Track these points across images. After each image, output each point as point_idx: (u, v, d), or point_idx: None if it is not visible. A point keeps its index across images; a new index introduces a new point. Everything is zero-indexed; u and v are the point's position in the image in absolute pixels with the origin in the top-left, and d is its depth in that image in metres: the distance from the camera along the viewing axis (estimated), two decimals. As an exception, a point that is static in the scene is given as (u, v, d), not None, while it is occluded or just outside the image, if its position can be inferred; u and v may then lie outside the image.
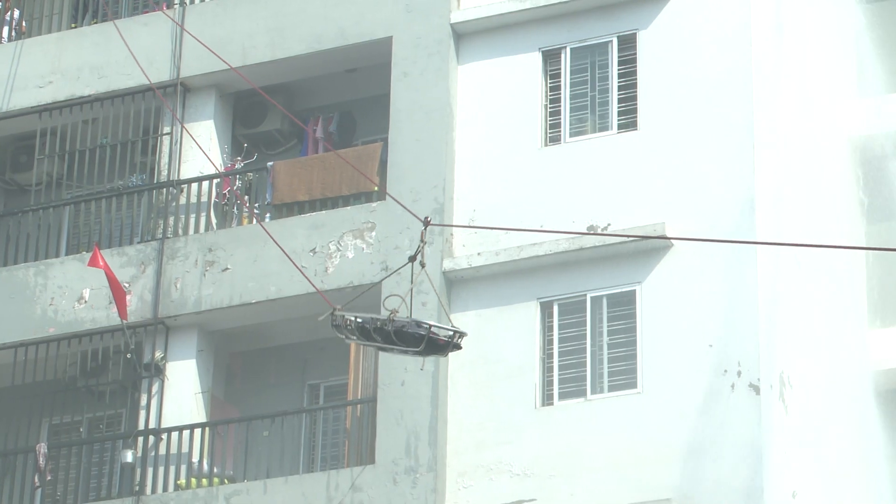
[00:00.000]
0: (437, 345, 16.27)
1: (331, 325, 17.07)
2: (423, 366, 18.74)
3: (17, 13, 27.79)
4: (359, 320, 16.44)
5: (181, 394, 23.61)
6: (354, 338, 16.66)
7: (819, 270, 23.16)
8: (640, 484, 20.77)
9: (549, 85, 23.27)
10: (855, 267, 24.36)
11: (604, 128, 22.82)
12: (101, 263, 22.97)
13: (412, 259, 17.29)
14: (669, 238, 21.34)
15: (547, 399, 21.83)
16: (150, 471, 23.08)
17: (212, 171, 24.64)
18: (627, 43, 23.08)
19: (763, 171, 22.04)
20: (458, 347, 16.73)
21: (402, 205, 20.58)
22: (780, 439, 21.18)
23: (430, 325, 16.28)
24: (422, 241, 17.22)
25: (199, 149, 24.06)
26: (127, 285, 23.72)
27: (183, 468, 23.19)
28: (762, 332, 21.46)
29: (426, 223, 17.20)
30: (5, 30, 27.27)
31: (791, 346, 22.16)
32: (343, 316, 16.64)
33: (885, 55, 25.56)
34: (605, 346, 21.94)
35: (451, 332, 16.50)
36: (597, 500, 20.90)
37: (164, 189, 25.06)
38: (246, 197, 24.91)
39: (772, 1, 23.46)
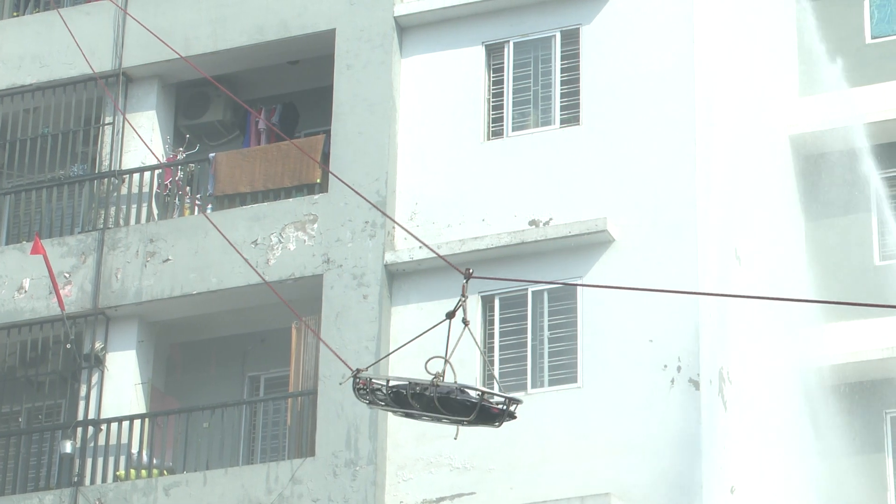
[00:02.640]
0: (491, 414, 13.89)
1: (353, 389, 14.30)
2: (456, 436, 16.21)
3: None
4: (392, 386, 13.91)
5: (121, 384, 23.51)
6: (382, 405, 14.01)
7: (760, 267, 23.45)
8: (579, 478, 20.92)
9: (491, 79, 23.51)
10: (795, 264, 24.43)
11: (546, 122, 23.02)
12: (42, 253, 23.05)
13: (450, 315, 15.81)
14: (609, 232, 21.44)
15: (487, 393, 21.36)
16: (89, 461, 23.10)
17: (154, 161, 24.52)
18: (570, 38, 23.23)
19: (704, 166, 22.23)
20: (514, 417, 13.98)
21: (381, 210, 21.44)
22: (719, 435, 21.38)
23: (483, 392, 14.06)
24: (463, 295, 16.04)
25: (141, 139, 24.02)
26: (67, 275, 23.79)
27: (122, 459, 23.10)
28: (702, 328, 21.67)
29: (468, 276, 15.93)
30: None
31: (731, 342, 22.42)
32: (370, 379, 16.53)
33: (824, 55, 25.70)
34: (546, 341, 22.03)
35: (504, 400, 14.09)
36: (536, 494, 20.92)
37: (106, 179, 25.07)
38: (188, 188, 24.93)
39: None
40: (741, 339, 22.84)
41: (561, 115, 22.99)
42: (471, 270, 14.32)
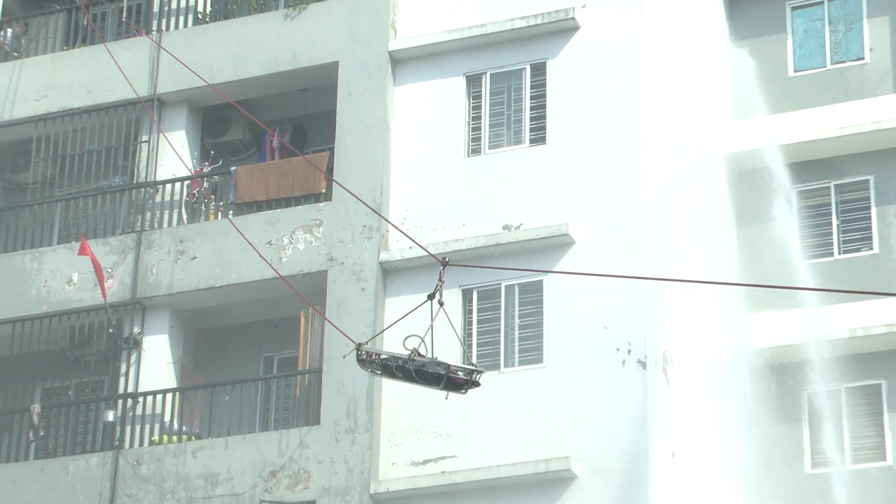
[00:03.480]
0: (456, 383, 15.36)
1: (356, 359, 15.81)
2: (447, 397, 16.70)
3: (9, 32, 27.76)
4: (383, 358, 15.57)
5: (155, 363, 23.86)
6: (379, 373, 15.35)
7: (698, 264, 23.65)
8: (544, 444, 21.27)
9: (471, 105, 23.47)
10: (728, 262, 24.79)
11: (517, 142, 23.15)
12: (88, 252, 23.17)
13: (430, 297, 16.55)
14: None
15: (467, 372, 21.64)
16: (128, 429, 23.39)
17: (183, 173, 24.82)
18: (538, 70, 23.41)
19: (651, 179, 22.48)
20: (477, 385, 15.33)
21: (380, 215, 22.25)
22: (663, 408, 21.72)
23: (450, 366, 15.19)
24: (440, 279, 16.77)
25: (176, 153, 24.32)
26: (109, 270, 23.92)
27: (156, 427, 23.42)
28: (649, 317, 21.98)
29: (444, 263, 16.68)
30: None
31: (674, 328, 22.68)
32: (367, 352, 15.80)
33: (753, 85, 25.86)
34: (517, 328, 22.35)
35: (469, 371, 15.44)
36: (507, 458, 21.21)
37: (143, 189, 25.27)
38: (212, 196, 24.98)
39: (661, 36, 23.77)
40: (682, 326, 23.09)
41: (530, 135, 23.19)
42: (447, 259, 15.46)
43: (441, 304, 15.48)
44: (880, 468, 23.76)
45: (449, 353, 19.37)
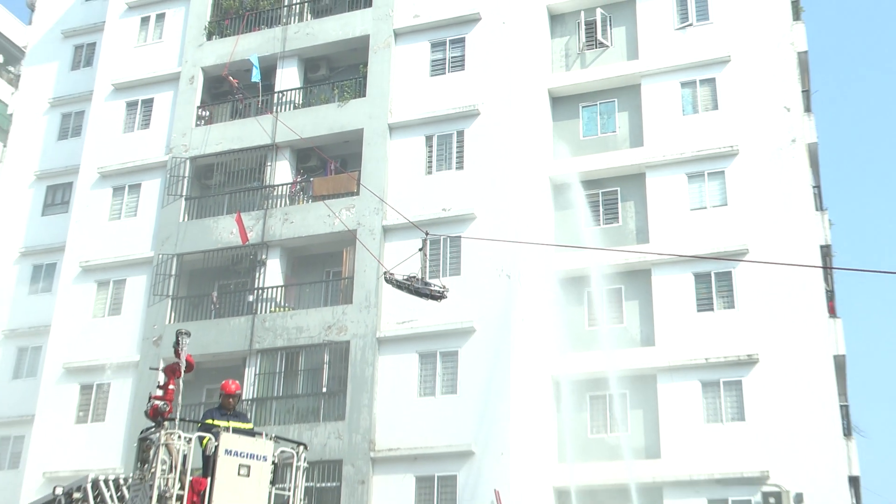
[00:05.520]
0: (434, 296, 17.71)
1: (384, 279, 18.59)
2: (439, 301, 18.93)
3: (206, 113, 29.00)
4: (397, 279, 17.76)
5: (272, 273, 26.36)
6: (397, 288, 18.09)
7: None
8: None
9: (426, 154, 25.72)
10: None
11: (449, 168, 25.76)
12: (239, 220, 26.13)
13: (421, 250, 20.61)
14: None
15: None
16: (259, 304, 25.84)
17: (287, 180, 27.49)
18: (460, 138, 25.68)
19: (509, 197, 24.66)
20: (445, 297, 18.03)
21: (384, 201, 24.88)
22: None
23: (430, 285, 17.80)
24: (423, 241, 20.21)
25: (287, 168, 27.29)
26: (250, 227, 26.63)
27: (272, 303, 25.98)
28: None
29: (426, 234, 19.82)
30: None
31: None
32: (392, 276, 18.14)
33: (563, 139, 28.50)
34: (449, 258, 24.48)
35: (440, 289, 17.86)
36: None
37: (267, 189, 27.16)
38: (301, 192, 27.61)
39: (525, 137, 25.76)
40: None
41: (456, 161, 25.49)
42: (427, 232, 19.48)
43: (424, 253, 19.83)
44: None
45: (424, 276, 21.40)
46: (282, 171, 28.12)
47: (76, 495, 13.15)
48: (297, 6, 29.96)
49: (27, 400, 28.20)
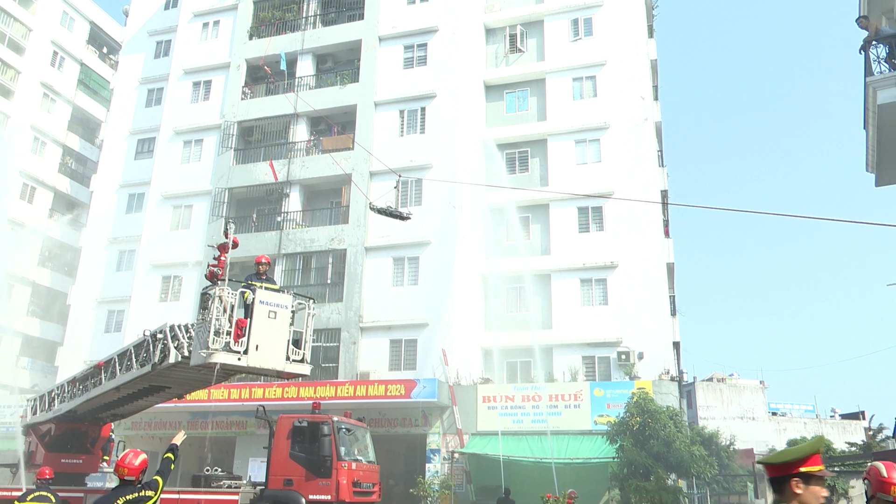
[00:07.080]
0: (403, 218, 16.58)
1: (370, 207, 17.13)
2: (407, 219, 17.28)
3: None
4: (378, 207, 16.56)
5: (294, 202, 26.17)
6: (378, 213, 16.50)
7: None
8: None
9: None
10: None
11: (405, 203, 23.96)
12: (272, 166, 26.29)
13: (395, 187, 20.35)
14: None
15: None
16: (285, 223, 25.44)
17: (305, 138, 27.20)
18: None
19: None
20: (410, 219, 17.06)
21: (368, 152, 24.35)
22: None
23: (401, 211, 16.58)
24: (397, 182, 20.16)
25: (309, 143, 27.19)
26: (277, 172, 26.27)
27: (294, 221, 25.59)
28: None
29: (399, 177, 20.17)
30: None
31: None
32: (375, 205, 17.01)
33: (492, 115, 27.54)
34: (413, 202, 24.07)
35: (407, 214, 16.86)
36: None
37: (296, 143, 26.65)
38: (313, 145, 26.82)
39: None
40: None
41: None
42: (400, 175, 19.24)
43: (397, 186, 19.53)
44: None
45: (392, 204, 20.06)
46: (300, 132, 27.95)
47: (159, 336, 13.03)
48: (312, 18, 29.61)
49: (126, 286, 29.13)
